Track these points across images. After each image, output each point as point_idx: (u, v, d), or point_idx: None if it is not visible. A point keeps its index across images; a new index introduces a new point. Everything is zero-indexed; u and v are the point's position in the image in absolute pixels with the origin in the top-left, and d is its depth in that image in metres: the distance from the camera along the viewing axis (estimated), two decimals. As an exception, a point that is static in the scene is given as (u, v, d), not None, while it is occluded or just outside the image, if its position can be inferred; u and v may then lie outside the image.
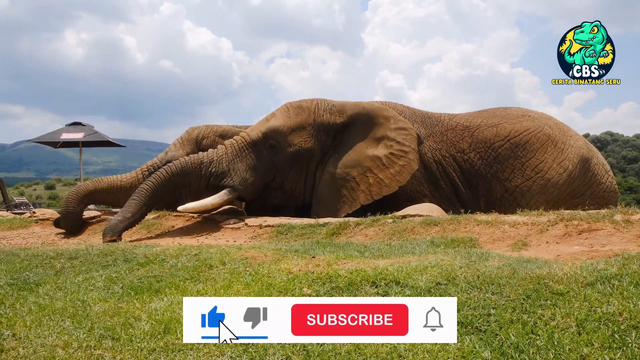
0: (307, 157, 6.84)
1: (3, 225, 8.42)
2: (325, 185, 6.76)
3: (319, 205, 6.75)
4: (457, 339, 2.26)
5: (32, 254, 4.72)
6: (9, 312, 2.95)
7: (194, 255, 4.00)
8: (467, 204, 6.64)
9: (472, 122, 7.22)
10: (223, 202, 6.59)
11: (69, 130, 13.95)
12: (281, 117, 6.96)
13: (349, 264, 3.31)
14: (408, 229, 5.04)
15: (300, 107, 7.03)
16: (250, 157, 6.74)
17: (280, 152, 6.77)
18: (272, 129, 6.83)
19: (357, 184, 6.63)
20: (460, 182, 6.95)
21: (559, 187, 6.79)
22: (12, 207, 14.38)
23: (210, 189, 6.63)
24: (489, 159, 6.92)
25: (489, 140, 6.99)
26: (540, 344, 2.16)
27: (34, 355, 2.32)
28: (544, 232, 4.44)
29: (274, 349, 2.27)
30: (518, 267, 2.95)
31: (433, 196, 6.86)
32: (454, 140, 7.08)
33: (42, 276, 3.87)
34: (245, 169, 6.68)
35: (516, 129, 7.01)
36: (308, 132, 6.85)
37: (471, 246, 4.24)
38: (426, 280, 2.86)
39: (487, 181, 6.89)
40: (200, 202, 6.47)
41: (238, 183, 6.60)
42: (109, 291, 3.31)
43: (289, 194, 6.94)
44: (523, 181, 6.79)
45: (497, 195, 6.84)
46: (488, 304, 2.53)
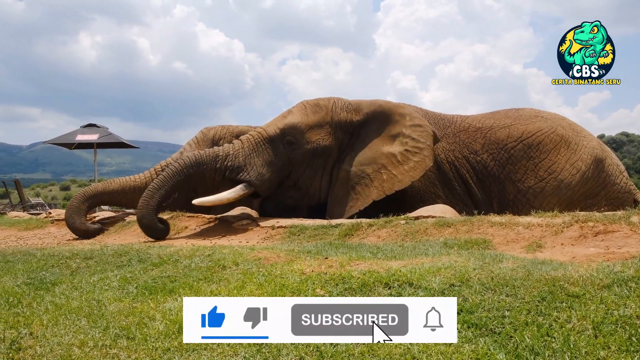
0: (324, 155, 6.80)
1: (20, 226, 8.57)
2: (341, 184, 6.73)
3: (334, 203, 6.72)
4: (472, 341, 2.25)
5: (48, 253, 4.78)
6: (26, 311, 2.99)
7: (207, 255, 4.03)
8: (480, 205, 6.61)
9: (484, 123, 7.18)
10: (239, 196, 6.51)
11: (83, 132, 14.13)
12: (299, 114, 6.93)
13: (362, 265, 3.31)
14: (421, 230, 5.02)
15: (317, 105, 7.00)
16: (267, 152, 6.68)
17: (298, 148, 6.72)
18: (290, 125, 6.79)
19: (371, 181, 6.59)
20: (473, 184, 6.91)
21: (572, 188, 6.73)
22: (29, 207, 14.59)
23: (226, 183, 6.59)
24: (502, 160, 6.87)
25: (501, 141, 6.94)
26: (556, 346, 2.14)
27: (50, 353, 2.35)
28: (558, 233, 4.39)
29: (287, 349, 2.28)
30: (533, 269, 2.93)
31: (447, 197, 6.83)
32: (467, 142, 7.04)
33: (58, 276, 3.92)
34: (261, 164, 6.61)
35: (529, 130, 6.96)
36: (326, 130, 6.82)
37: (485, 248, 4.21)
38: (440, 281, 2.85)
39: (500, 182, 6.85)
40: (216, 196, 6.45)
41: (254, 178, 6.53)
42: (124, 291, 3.34)
43: (304, 193, 6.88)
44: (536, 182, 6.74)
45: (510, 196, 6.79)
46: (502, 305, 2.51)
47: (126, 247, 4.80)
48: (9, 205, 15.76)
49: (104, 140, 13.99)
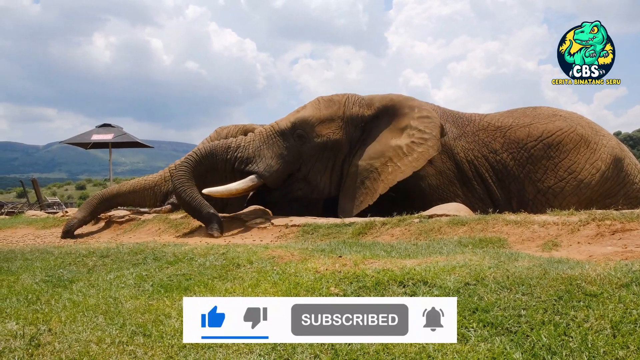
0: (334, 149, 6.81)
1: (37, 224, 8.69)
2: (351, 179, 6.74)
3: (345, 198, 6.72)
4: (487, 340, 2.24)
5: (65, 252, 4.85)
6: (44, 308, 3.04)
7: (222, 254, 4.05)
8: (500, 205, 6.55)
9: (503, 122, 7.12)
10: (248, 188, 6.61)
11: (99, 132, 14.31)
12: (311, 108, 6.97)
13: (376, 264, 3.30)
14: (435, 228, 4.99)
15: (331, 100, 7.03)
16: (277, 145, 6.75)
17: (308, 142, 6.75)
18: (301, 119, 6.84)
19: (379, 174, 6.59)
20: (492, 183, 6.85)
21: (592, 187, 6.67)
22: (45, 206, 14.80)
23: (236, 173, 6.67)
24: (522, 159, 6.82)
25: (521, 140, 6.88)
26: (573, 346, 2.11)
27: (69, 350, 2.39)
28: (575, 232, 4.34)
29: (302, 347, 2.28)
30: (549, 268, 2.90)
31: (465, 196, 6.78)
32: (486, 141, 6.98)
33: (75, 273, 3.98)
34: (271, 156, 6.68)
35: (549, 129, 6.89)
36: (337, 124, 6.83)
37: (500, 246, 4.17)
38: (454, 280, 2.83)
39: (520, 182, 6.79)
40: (225, 187, 6.52)
41: (263, 169, 6.60)
42: (140, 289, 3.37)
43: (313, 186, 6.89)
44: (556, 182, 6.68)
45: (530, 196, 6.73)
46: (518, 304, 2.48)
47: (141, 246, 4.85)
48: (26, 204, 16.01)
49: (119, 139, 14.15)
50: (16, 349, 2.41)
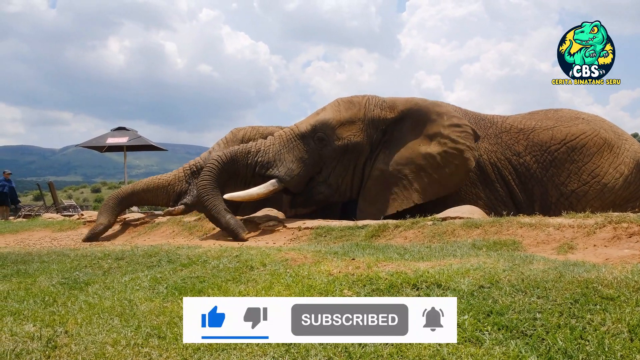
0: (355, 152, 6.73)
1: (54, 227, 8.81)
2: (375, 182, 6.66)
3: (365, 202, 6.66)
4: (502, 343, 2.22)
5: (81, 254, 4.91)
6: (61, 310, 3.08)
7: (235, 256, 4.07)
8: (522, 208, 6.49)
9: (526, 124, 7.04)
10: (269, 192, 6.53)
11: (114, 135, 14.46)
12: (331, 111, 6.89)
13: (389, 266, 3.30)
14: (448, 231, 4.97)
15: (351, 102, 6.95)
16: (297, 148, 6.69)
17: (329, 145, 6.68)
18: (322, 121, 6.77)
19: (410, 183, 6.49)
20: (515, 186, 6.78)
21: (615, 192, 6.61)
22: (62, 209, 15.00)
23: (257, 178, 6.62)
24: (545, 162, 6.75)
25: (545, 143, 6.81)
26: (590, 349, 2.09)
27: (85, 351, 2.41)
28: (591, 235, 4.29)
29: (315, 349, 2.29)
30: (564, 271, 2.87)
31: (488, 199, 6.71)
32: (510, 143, 6.91)
33: (91, 276, 4.02)
34: (291, 160, 6.62)
35: (572, 132, 6.82)
36: (358, 127, 6.75)
37: (514, 249, 4.14)
38: (469, 283, 2.81)
39: (543, 185, 6.72)
40: (246, 192, 6.51)
41: (284, 173, 6.54)
42: (154, 291, 3.40)
43: (334, 189, 6.80)
44: (579, 186, 6.61)
45: (553, 199, 6.66)
46: (534, 307, 2.46)
47: (156, 248, 4.89)
48: (43, 207, 16.24)
49: (134, 143, 14.29)
50: (33, 350, 2.44)
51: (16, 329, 2.73)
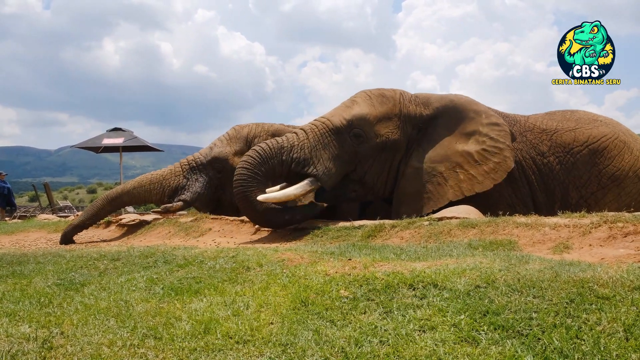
0: (392, 150, 6.51)
1: (49, 228, 8.77)
2: (409, 181, 6.48)
3: (400, 201, 6.48)
4: (498, 343, 2.22)
5: (77, 255, 4.90)
6: (57, 311, 3.07)
7: (232, 257, 4.07)
8: (541, 208, 6.44)
9: (548, 125, 7.00)
10: (306, 192, 6.21)
11: (109, 136, 14.44)
12: (365, 104, 6.59)
13: (386, 266, 3.30)
14: (445, 231, 4.97)
15: (383, 95, 6.69)
16: (333, 145, 6.35)
17: (366, 142, 6.41)
18: (358, 116, 6.46)
19: (445, 180, 6.37)
20: (537, 185, 6.75)
21: (632, 195, 6.65)
22: (57, 210, 14.95)
23: (291, 176, 6.31)
24: (568, 164, 6.73)
25: (567, 144, 6.79)
26: (585, 349, 2.09)
27: (81, 352, 2.41)
28: (586, 234, 4.30)
29: (312, 349, 2.28)
30: (560, 270, 2.88)
31: (510, 197, 6.64)
32: (534, 143, 6.86)
33: (87, 277, 4.01)
34: (328, 158, 6.29)
35: (594, 135, 6.81)
36: (394, 123, 6.53)
37: (510, 249, 4.15)
38: (465, 283, 2.82)
39: (565, 186, 6.71)
40: (283, 192, 6.14)
41: (322, 172, 6.21)
42: (150, 292, 3.40)
43: (369, 188, 6.58)
44: (598, 188, 6.63)
45: (573, 201, 6.63)
46: (529, 307, 2.47)
47: (152, 249, 4.88)
48: (38, 208, 16.18)
49: (130, 143, 14.27)
50: (29, 351, 2.43)
51: (12, 330, 2.72)
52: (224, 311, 2.82)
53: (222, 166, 7.65)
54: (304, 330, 2.48)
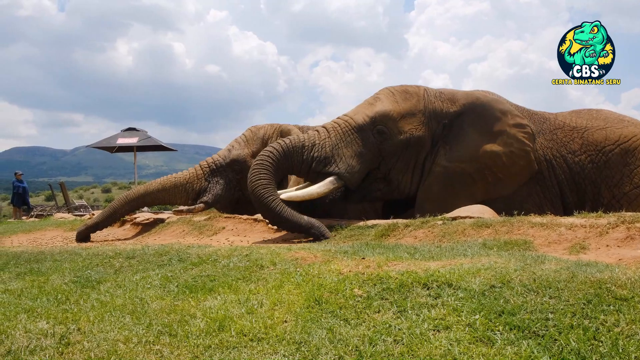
0: (417, 147, 6.41)
1: (65, 226, 8.89)
2: (436, 179, 6.40)
3: (426, 200, 6.40)
4: (514, 343, 2.20)
5: (92, 253, 4.95)
6: (73, 308, 3.11)
7: (245, 255, 4.08)
8: (570, 208, 6.36)
9: (578, 123, 6.92)
10: (329, 191, 6.09)
11: (124, 136, 14.58)
12: (388, 101, 6.48)
13: (400, 266, 3.29)
14: (458, 231, 4.94)
15: (406, 91, 6.60)
16: (356, 142, 6.23)
17: (389, 139, 6.30)
18: (382, 113, 6.35)
19: (474, 181, 6.36)
20: (567, 184, 6.67)
21: None
22: (73, 209, 15.14)
23: (312, 174, 6.20)
24: (599, 163, 6.64)
25: (599, 143, 6.71)
26: (603, 351, 2.07)
27: (97, 348, 2.43)
28: (603, 235, 4.25)
29: (326, 347, 2.28)
30: (577, 271, 2.84)
31: (538, 196, 6.58)
32: (565, 141, 6.78)
33: (102, 274, 4.06)
34: (351, 155, 6.17)
35: (625, 134, 6.73)
36: (419, 120, 6.42)
37: (525, 249, 4.11)
38: (480, 282, 2.80)
39: (597, 186, 6.62)
40: (305, 191, 6.07)
41: (344, 170, 6.09)
42: (165, 289, 3.42)
43: (394, 186, 6.46)
44: (631, 189, 6.53)
45: (605, 201, 6.54)
46: (546, 308, 2.44)
47: (166, 247, 4.91)
48: (55, 207, 16.40)
49: (144, 143, 14.39)
50: (47, 347, 2.47)
51: (30, 326, 2.76)
52: (238, 309, 2.83)
53: (240, 168, 7.90)
54: (318, 329, 2.48)
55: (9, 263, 4.87)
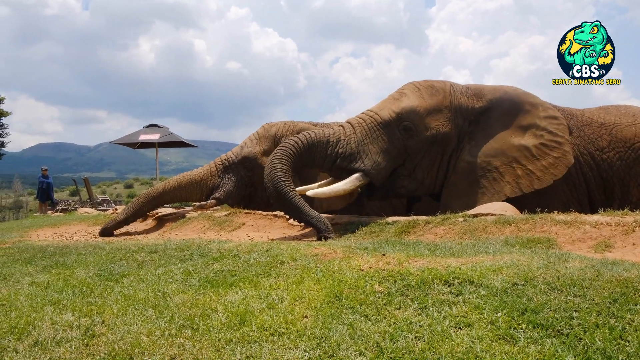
0: (443, 143, 6.31)
1: (89, 221, 9.05)
2: (462, 175, 6.29)
3: (451, 196, 6.30)
4: (538, 342, 2.17)
5: (116, 247, 5.04)
6: (98, 301, 3.17)
7: (266, 251, 4.11)
8: (598, 206, 6.16)
9: (606, 119, 6.75)
10: (355, 188, 6.00)
11: (146, 132, 14.77)
12: (414, 97, 6.38)
13: (420, 262, 3.27)
14: (480, 228, 4.88)
15: (432, 87, 6.49)
16: (382, 138, 6.13)
17: (416, 135, 6.21)
18: (408, 109, 6.24)
19: (501, 175, 6.18)
20: (595, 182, 6.51)
21: None
22: (96, 204, 15.41)
23: (336, 170, 6.12)
24: (629, 160, 6.47)
25: (628, 140, 6.53)
26: (630, 350, 2.03)
27: (121, 341, 2.48)
28: (629, 233, 4.15)
29: (346, 343, 2.28)
30: (602, 269, 2.79)
31: (564, 194, 6.41)
32: (592, 137, 6.60)
33: (125, 268, 4.13)
34: (377, 152, 6.08)
35: None
36: (445, 116, 6.30)
37: (549, 247, 4.04)
38: (502, 280, 2.76)
39: (625, 184, 6.45)
40: (331, 187, 5.99)
41: (370, 167, 6.01)
42: (187, 284, 3.46)
43: (419, 183, 6.37)
44: None
45: (634, 199, 6.36)
46: (570, 306, 2.40)
47: (188, 242, 4.97)
48: (79, 202, 16.72)
49: (165, 139, 14.56)
50: (72, 339, 2.52)
51: (56, 317, 2.83)
52: (259, 304, 2.85)
53: (251, 165, 7.97)
54: (339, 325, 2.48)
55: (36, 256, 4.99)
